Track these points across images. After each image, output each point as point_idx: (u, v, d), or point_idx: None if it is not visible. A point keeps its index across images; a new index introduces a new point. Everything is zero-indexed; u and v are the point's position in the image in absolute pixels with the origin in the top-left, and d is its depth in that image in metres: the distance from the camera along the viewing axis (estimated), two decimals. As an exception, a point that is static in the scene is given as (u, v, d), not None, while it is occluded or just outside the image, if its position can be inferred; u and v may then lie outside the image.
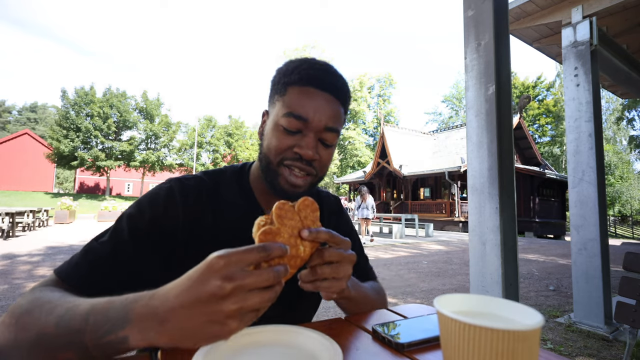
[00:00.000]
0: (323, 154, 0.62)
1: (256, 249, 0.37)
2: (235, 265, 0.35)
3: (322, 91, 0.60)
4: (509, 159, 1.81)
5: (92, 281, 0.51)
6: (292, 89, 0.60)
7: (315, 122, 0.59)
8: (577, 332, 2.72)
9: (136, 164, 26.90)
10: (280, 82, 0.62)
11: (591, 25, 3.02)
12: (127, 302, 0.38)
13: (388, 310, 0.69)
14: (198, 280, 0.35)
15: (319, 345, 0.46)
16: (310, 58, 0.64)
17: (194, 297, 0.34)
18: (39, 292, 0.47)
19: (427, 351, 0.48)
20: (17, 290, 3.65)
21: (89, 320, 0.38)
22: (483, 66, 1.86)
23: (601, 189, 2.85)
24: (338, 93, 0.61)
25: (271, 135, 0.61)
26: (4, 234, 8.06)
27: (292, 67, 0.62)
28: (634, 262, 1.27)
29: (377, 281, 0.82)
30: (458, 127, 20.19)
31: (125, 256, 0.54)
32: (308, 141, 0.59)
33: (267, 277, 0.36)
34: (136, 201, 0.61)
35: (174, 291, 0.36)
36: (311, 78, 0.60)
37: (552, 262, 6.74)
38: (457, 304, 0.41)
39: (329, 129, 0.60)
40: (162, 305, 0.35)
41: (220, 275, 0.34)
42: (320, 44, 36.09)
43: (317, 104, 0.59)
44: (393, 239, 10.36)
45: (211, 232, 0.62)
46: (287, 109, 0.59)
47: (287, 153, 0.60)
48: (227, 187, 0.68)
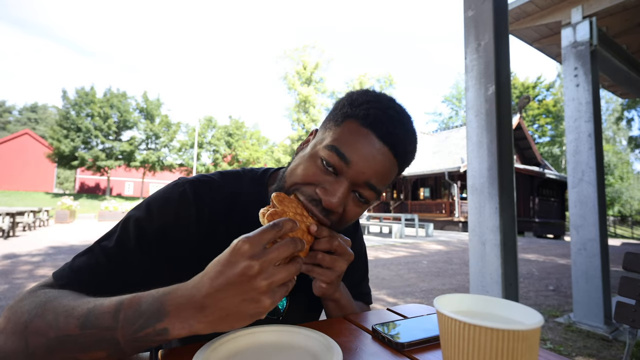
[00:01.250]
0: (351, 209, 0.53)
1: (270, 226, 0.40)
2: (258, 244, 0.38)
3: (382, 142, 0.50)
4: (509, 159, 1.81)
5: (93, 288, 0.49)
6: (350, 123, 0.51)
7: (356, 171, 0.50)
8: (577, 332, 2.72)
9: (136, 164, 26.88)
10: (342, 110, 0.54)
11: (591, 25, 3.02)
12: (158, 295, 0.39)
13: (388, 310, 0.69)
14: (227, 264, 0.37)
15: (319, 345, 0.46)
16: (389, 97, 0.55)
17: (226, 280, 0.36)
18: (43, 295, 0.45)
19: (427, 351, 0.49)
20: (18, 290, 3.65)
21: (119, 317, 0.38)
22: (483, 66, 1.86)
23: (601, 189, 2.85)
24: (399, 150, 0.51)
25: (304, 160, 0.54)
26: (4, 233, 8.06)
27: (363, 100, 0.53)
28: (634, 262, 1.27)
29: (369, 306, 0.80)
30: (458, 127, 20.19)
31: (131, 262, 0.52)
32: (337, 188, 0.50)
33: (287, 247, 0.39)
34: (145, 202, 0.56)
35: (207, 277, 0.37)
36: (377, 122, 0.50)
37: (551, 262, 6.74)
38: (457, 304, 0.41)
39: (370, 185, 0.51)
40: (199, 292, 0.37)
41: (247, 256, 0.37)
42: (320, 44, 36.05)
43: (368, 152, 0.50)
44: (393, 238, 10.36)
45: (225, 235, 0.58)
46: (334, 142, 0.51)
47: (307, 189, 0.52)
48: (247, 193, 0.64)
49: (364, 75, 37.41)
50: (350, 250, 0.55)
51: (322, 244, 0.52)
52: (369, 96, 0.54)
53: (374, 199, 0.54)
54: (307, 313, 0.71)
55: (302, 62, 34.11)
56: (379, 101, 0.53)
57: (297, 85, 31.47)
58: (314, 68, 34.16)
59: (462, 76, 38.25)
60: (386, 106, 0.52)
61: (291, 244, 0.40)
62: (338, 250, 0.53)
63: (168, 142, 28.45)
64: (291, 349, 0.47)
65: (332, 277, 0.54)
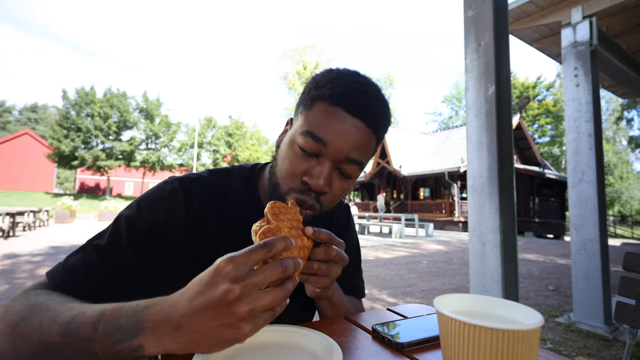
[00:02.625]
0: (336, 185, 0.55)
1: (259, 246, 0.36)
2: (243, 266, 0.35)
3: (353, 116, 0.51)
4: (509, 159, 1.81)
5: (87, 287, 0.49)
6: (319, 105, 0.52)
7: (334, 149, 0.51)
8: (577, 332, 2.72)
9: (136, 164, 26.87)
10: (309, 93, 0.55)
11: (591, 25, 3.02)
12: (138, 308, 0.37)
13: (388, 310, 0.69)
14: (207, 285, 0.34)
15: (319, 345, 0.46)
16: (351, 72, 0.55)
17: (204, 302, 0.34)
18: (34, 296, 0.44)
19: (427, 351, 0.49)
20: (18, 290, 3.66)
21: (98, 328, 0.37)
22: (483, 66, 1.86)
23: (601, 189, 2.85)
24: (372, 121, 0.52)
25: (285, 153, 0.56)
26: (4, 233, 8.06)
27: (327, 79, 0.54)
28: (634, 262, 1.27)
29: (361, 300, 0.81)
30: (458, 127, 20.18)
31: (123, 260, 0.52)
32: (321, 170, 0.52)
33: (274, 270, 0.36)
34: (136, 201, 0.57)
35: (186, 296, 0.35)
36: (343, 98, 0.51)
37: (551, 262, 6.74)
38: (457, 304, 0.41)
39: (351, 159, 0.52)
40: (176, 311, 0.35)
41: (229, 278, 0.34)
42: (320, 44, 36.04)
43: (342, 129, 0.51)
44: (393, 238, 10.36)
45: (215, 232, 0.60)
46: (308, 126, 0.52)
47: (296, 181, 0.54)
48: (235, 190, 0.64)
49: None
50: (345, 254, 0.55)
51: (319, 255, 0.51)
52: (332, 74, 0.54)
53: (357, 172, 0.55)
54: (302, 312, 0.70)
55: (302, 62, 34.10)
56: (342, 77, 0.53)
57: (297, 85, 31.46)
58: (314, 68, 34.15)
59: (462, 76, 38.21)
60: (350, 81, 0.53)
61: (280, 267, 0.36)
62: (335, 259, 0.53)
63: (168, 142, 28.45)
64: (291, 349, 0.47)
65: (327, 283, 0.54)
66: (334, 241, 0.53)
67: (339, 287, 0.67)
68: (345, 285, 0.72)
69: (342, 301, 0.66)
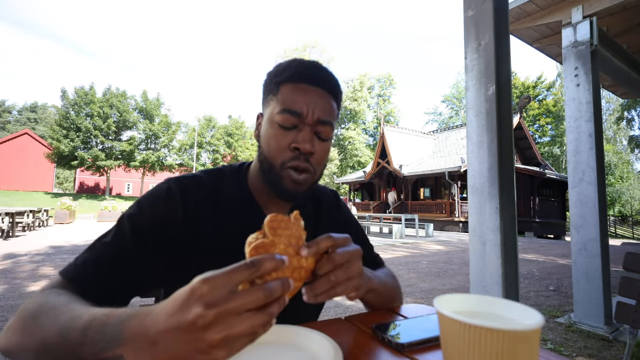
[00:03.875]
0: (319, 148, 0.63)
1: (244, 265, 0.33)
2: (222, 288, 0.32)
3: (314, 86, 0.62)
4: (509, 159, 1.81)
5: (98, 282, 0.52)
6: (284, 87, 0.62)
7: (309, 116, 0.61)
8: (577, 332, 2.72)
9: (136, 164, 26.88)
10: (272, 82, 0.64)
11: (591, 25, 3.02)
12: (123, 317, 0.36)
13: (388, 310, 0.69)
14: (182, 306, 0.32)
15: (319, 345, 0.46)
16: (298, 58, 0.66)
17: (177, 324, 0.32)
18: (46, 295, 0.46)
19: (427, 351, 0.48)
20: (17, 291, 3.65)
21: (87, 334, 0.37)
22: (483, 66, 1.86)
23: (601, 189, 2.85)
24: (330, 87, 0.64)
25: (269, 134, 0.63)
26: (3, 234, 8.06)
27: (283, 66, 0.64)
28: (634, 262, 1.27)
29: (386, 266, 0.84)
30: (458, 127, 20.19)
31: (129, 257, 0.55)
32: (304, 135, 0.61)
33: (255, 296, 0.32)
34: (136, 201, 0.61)
35: (164, 312, 0.33)
36: (302, 74, 0.62)
37: (552, 262, 6.74)
38: (457, 304, 0.41)
39: (323, 122, 0.62)
40: (153, 326, 0.33)
41: (203, 302, 0.31)
42: (320, 44, 36.06)
43: (310, 99, 0.61)
44: (393, 239, 10.36)
45: (211, 230, 0.63)
46: (282, 105, 0.61)
47: (286, 153, 0.61)
48: (227, 186, 0.69)
49: (364, 75, 37.43)
50: (355, 246, 0.50)
51: (324, 267, 0.46)
52: (285, 63, 0.65)
53: (331, 133, 0.65)
54: (305, 312, 0.70)
55: (302, 62, 33.97)
56: (294, 60, 0.64)
57: (297, 85, 31.43)
58: (314, 68, 34.01)
59: (462, 76, 38.21)
60: (302, 61, 0.64)
61: (262, 292, 0.33)
62: (343, 260, 0.47)
63: (168, 142, 28.46)
64: (291, 349, 0.47)
65: (357, 284, 0.49)
66: (337, 241, 0.48)
67: (369, 270, 0.62)
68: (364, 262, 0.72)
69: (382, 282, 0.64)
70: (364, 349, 0.49)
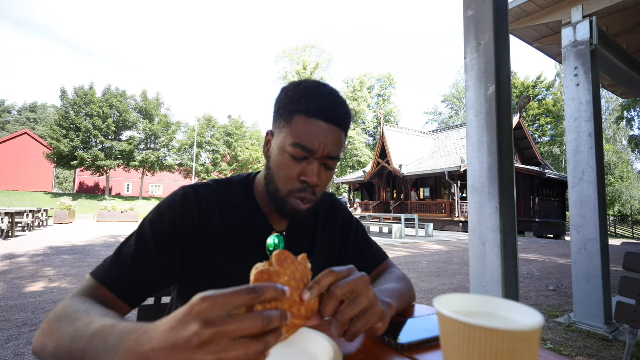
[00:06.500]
0: (324, 177, 0.67)
1: (246, 289, 0.33)
2: (221, 308, 0.31)
3: (327, 123, 0.63)
4: (509, 159, 1.81)
5: (126, 281, 0.57)
6: (298, 118, 0.63)
7: (320, 152, 0.63)
8: (577, 332, 2.72)
9: (136, 164, 26.87)
10: (286, 108, 0.64)
11: (591, 25, 3.02)
12: (124, 330, 0.37)
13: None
14: (180, 322, 0.32)
15: (319, 345, 0.46)
16: (316, 85, 0.65)
17: (173, 341, 0.32)
18: (73, 300, 0.50)
19: (427, 351, 0.48)
20: (17, 291, 3.65)
21: (92, 343, 0.38)
22: (483, 66, 1.86)
23: (601, 189, 2.85)
24: (342, 123, 0.65)
25: (279, 161, 0.65)
26: (3, 234, 8.06)
27: (299, 95, 0.64)
28: (634, 262, 1.27)
29: (389, 260, 0.84)
30: (458, 127, 20.19)
31: (152, 258, 0.60)
32: (313, 169, 0.63)
33: (254, 322, 0.32)
34: (155, 207, 0.67)
35: (160, 330, 0.33)
36: (318, 111, 0.62)
37: (552, 262, 6.74)
38: (457, 304, 0.41)
39: (332, 157, 0.64)
40: (148, 343, 0.33)
41: (201, 320, 0.31)
42: (320, 44, 36.05)
43: (322, 137, 0.62)
44: (393, 239, 10.37)
45: (219, 233, 0.68)
46: (295, 139, 0.62)
47: (294, 183, 0.65)
48: (235, 193, 0.74)
49: (364, 75, 37.42)
50: (359, 273, 0.47)
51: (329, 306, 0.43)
52: (302, 89, 0.64)
53: (337, 163, 0.67)
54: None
55: (302, 62, 34.09)
56: (312, 91, 0.64)
57: (297, 85, 31.46)
58: (314, 68, 34.15)
59: (462, 76, 38.23)
60: (320, 95, 0.63)
61: (261, 319, 0.32)
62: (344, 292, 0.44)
63: (167, 142, 28.45)
64: (291, 349, 0.47)
65: (377, 315, 0.47)
66: (340, 276, 0.45)
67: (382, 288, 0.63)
68: (361, 257, 0.81)
69: (402, 296, 0.65)
70: (364, 349, 0.49)
